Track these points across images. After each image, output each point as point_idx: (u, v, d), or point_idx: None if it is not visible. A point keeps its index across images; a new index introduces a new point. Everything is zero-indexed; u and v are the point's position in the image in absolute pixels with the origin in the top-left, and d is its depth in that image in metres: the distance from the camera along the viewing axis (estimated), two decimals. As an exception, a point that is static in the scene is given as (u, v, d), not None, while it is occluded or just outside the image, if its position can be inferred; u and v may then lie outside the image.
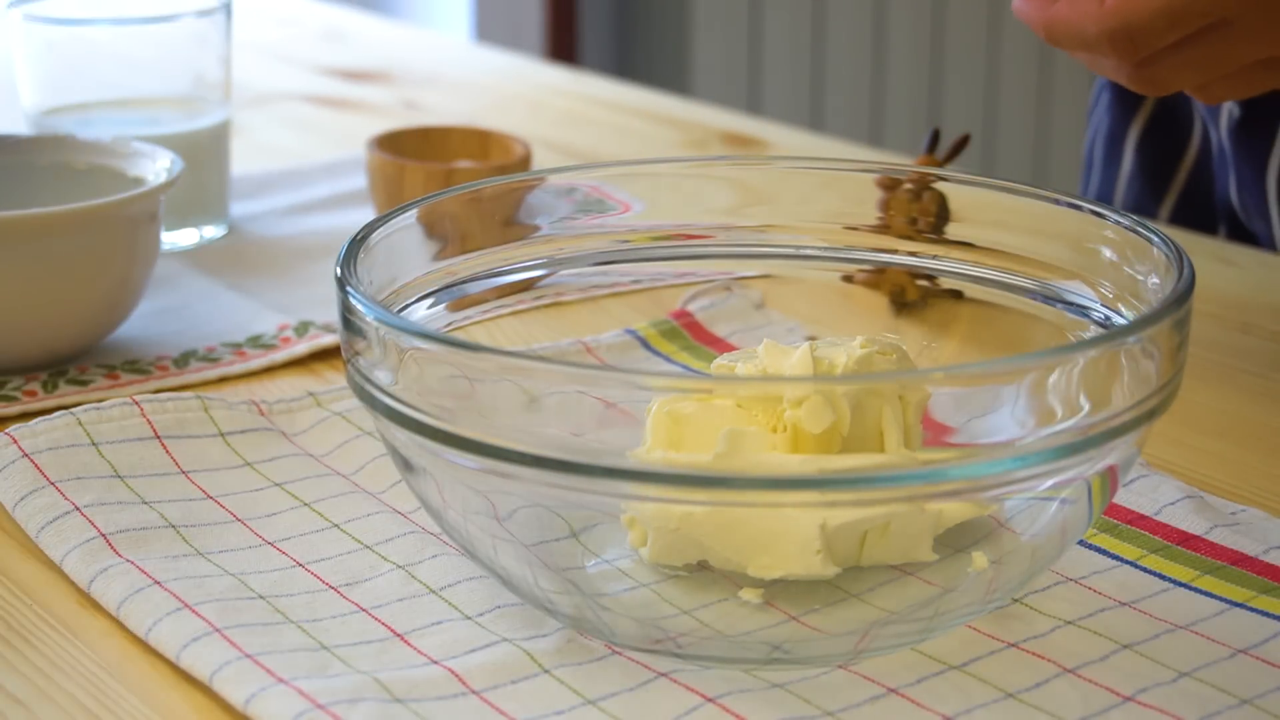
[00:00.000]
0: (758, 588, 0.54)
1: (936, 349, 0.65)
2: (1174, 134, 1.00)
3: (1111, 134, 1.03)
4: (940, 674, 0.52)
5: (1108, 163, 1.03)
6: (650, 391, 0.57)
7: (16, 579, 0.59)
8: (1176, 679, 0.52)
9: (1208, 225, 0.99)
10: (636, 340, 0.76)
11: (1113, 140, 1.03)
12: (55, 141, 0.82)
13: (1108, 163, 1.03)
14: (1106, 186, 1.04)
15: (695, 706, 0.50)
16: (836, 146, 1.18)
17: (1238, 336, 0.81)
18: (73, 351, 0.75)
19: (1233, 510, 0.62)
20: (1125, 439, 0.51)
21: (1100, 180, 1.04)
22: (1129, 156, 1.01)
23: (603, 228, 0.65)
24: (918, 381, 0.56)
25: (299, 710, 0.49)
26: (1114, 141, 1.03)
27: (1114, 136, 1.02)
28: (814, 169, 0.66)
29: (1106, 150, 1.03)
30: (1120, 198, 1.02)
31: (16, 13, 0.91)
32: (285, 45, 1.43)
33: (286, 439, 0.67)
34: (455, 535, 0.55)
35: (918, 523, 0.54)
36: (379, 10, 2.40)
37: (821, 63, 2.75)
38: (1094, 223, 0.59)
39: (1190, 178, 1.00)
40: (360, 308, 0.52)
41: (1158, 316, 0.51)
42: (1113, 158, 1.03)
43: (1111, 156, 1.03)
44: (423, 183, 0.86)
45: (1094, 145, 1.05)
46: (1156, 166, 1.01)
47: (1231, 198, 0.95)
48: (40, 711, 0.52)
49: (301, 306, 0.83)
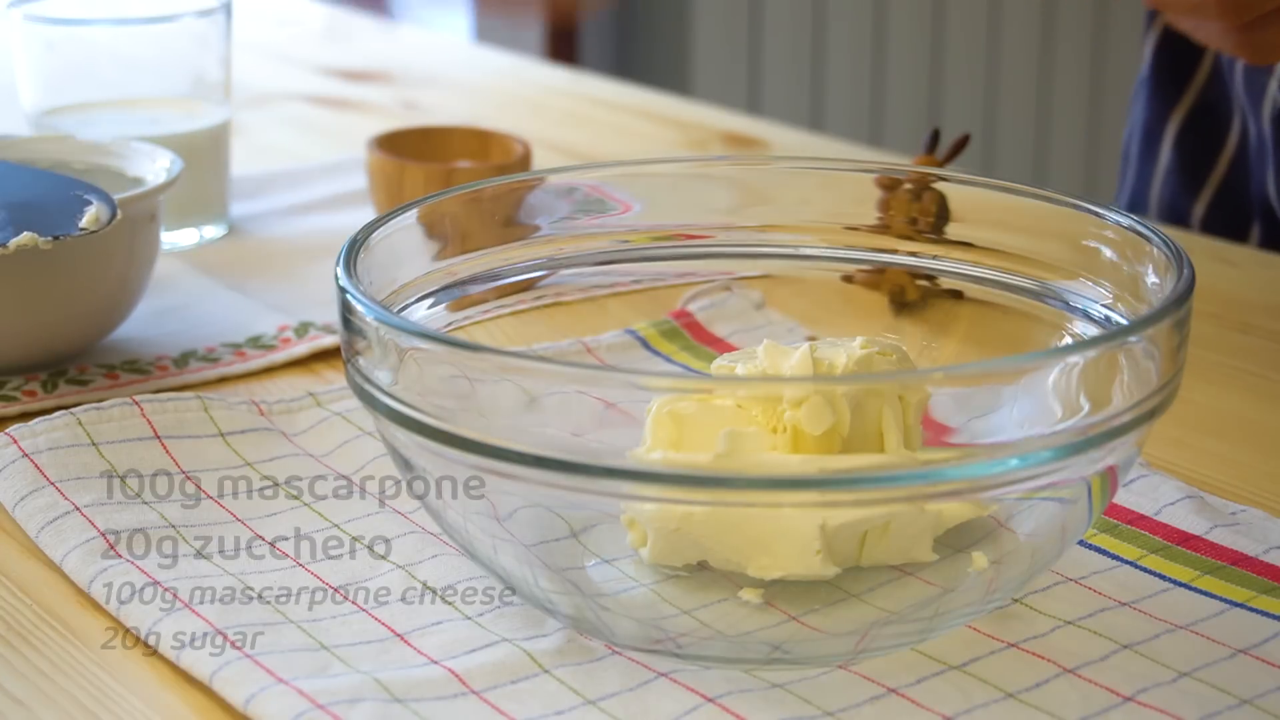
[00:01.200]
0: (758, 588, 0.54)
1: (936, 349, 0.65)
2: (1213, 128, 0.99)
3: (1149, 128, 1.01)
4: (940, 674, 0.52)
5: (1144, 157, 1.02)
6: (650, 391, 0.57)
7: (16, 579, 0.59)
8: (1176, 679, 0.52)
9: (1242, 222, 0.98)
10: (636, 340, 0.76)
11: (1150, 134, 1.01)
12: (55, 141, 0.82)
13: (1144, 157, 1.02)
14: (1143, 181, 1.02)
15: (695, 706, 0.50)
16: (836, 146, 1.18)
17: (1238, 336, 0.81)
18: (73, 351, 0.75)
19: (1233, 510, 0.62)
20: (1125, 439, 0.51)
21: (1136, 175, 1.03)
22: (1166, 151, 1.00)
23: (603, 228, 0.65)
24: (918, 381, 0.56)
25: (299, 710, 0.49)
26: (1151, 135, 1.01)
27: (1151, 130, 1.01)
28: (814, 169, 0.66)
29: (1143, 144, 1.02)
30: (1156, 192, 1.01)
31: (16, 13, 0.91)
32: (285, 45, 1.42)
33: (286, 439, 0.67)
34: (455, 535, 0.55)
35: (918, 523, 0.54)
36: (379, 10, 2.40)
37: (821, 63, 2.75)
38: (1094, 223, 0.59)
39: (1227, 173, 0.99)
40: (360, 308, 0.52)
41: (1158, 316, 0.51)
42: (1150, 152, 1.02)
43: (1149, 151, 1.02)
44: (423, 183, 0.86)
45: (1131, 139, 1.04)
46: (1194, 161, 1.00)
47: (1269, 191, 0.95)
48: (40, 712, 0.52)
49: (301, 307, 0.83)
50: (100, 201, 0.72)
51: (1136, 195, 1.03)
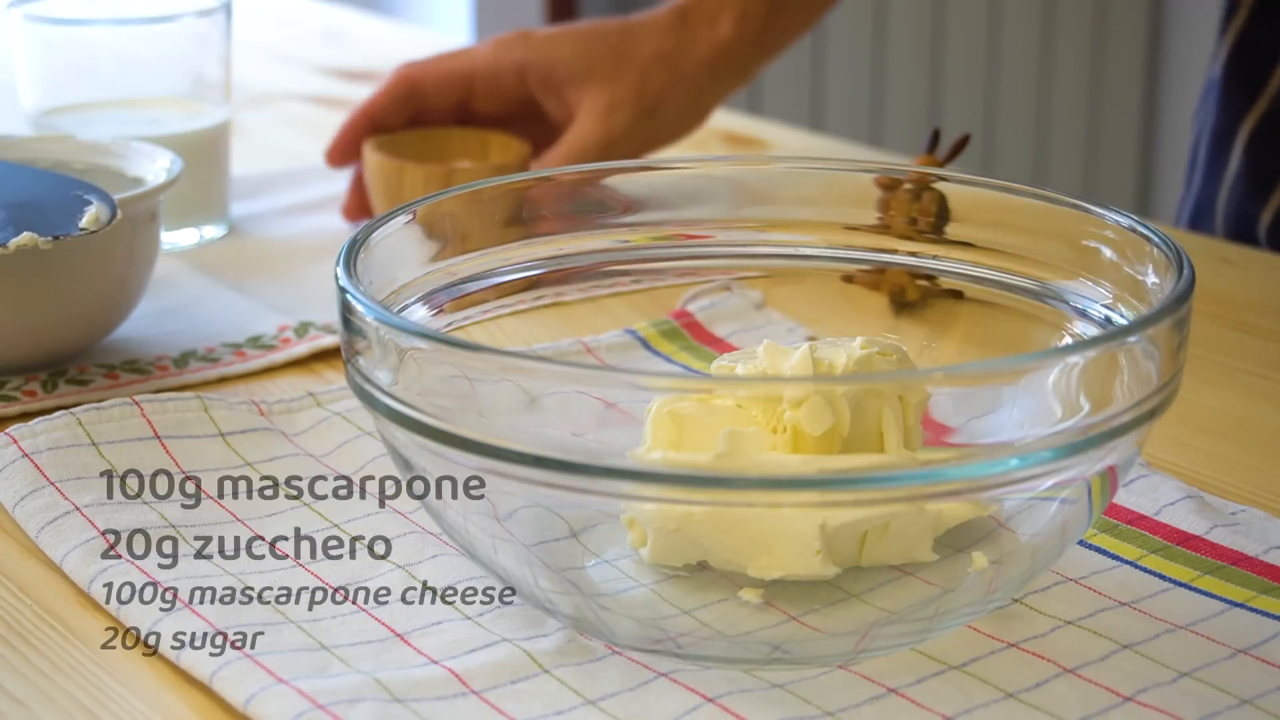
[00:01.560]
0: (758, 588, 0.54)
1: (936, 349, 0.65)
2: None
3: (1219, 132, 1.00)
4: (940, 674, 0.52)
5: (1212, 162, 1.00)
6: (650, 391, 0.57)
7: (16, 579, 0.59)
8: (1176, 679, 0.52)
9: None
10: (636, 340, 0.76)
11: (1220, 139, 1.00)
12: (55, 141, 0.82)
13: (1212, 162, 1.00)
14: (1210, 187, 1.01)
15: (695, 706, 0.50)
16: (836, 146, 1.18)
17: (1238, 336, 0.81)
18: (73, 351, 0.75)
19: (1233, 510, 0.62)
20: (1125, 439, 0.51)
21: (1203, 180, 1.01)
22: (1236, 157, 0.99)
23: (602, 228, 0.65)
24: (918, 381, 0.56)
25: (299, 710, 0.49)
26: (1221, 140, 1.00)
27: (1222, 135, 1.00)
28: (814, 169, 0.66)
29: (1212, 149, 1.00)
30: (1224, 199, 1.00)
31: (16, 13, 0.91)
32: (285, 45, 1.42)
33: (286, 439, 0.67)
34: (455, 535, 0.55)
35: (918, 523, 0.54)
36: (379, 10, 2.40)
37: (821, 63, 2.75)
38: (1094, 223, 0.59)
39: None
40: (360, 308, 0.52)
41: (1158, 316, 0.51)
42: (1219, 157, 1.00)
43: (1218, 156, 1.00)
44: (423, 183, 0.86)
45: (1199, 143, 1.02)
46: (1266, 168, 0.98)
47: None
48: (40, 712, 0.52)
49: (301, 306, 0.83)
50: (100, 201, 0.72)
51: (1202, 200, 1.02)
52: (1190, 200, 1.03)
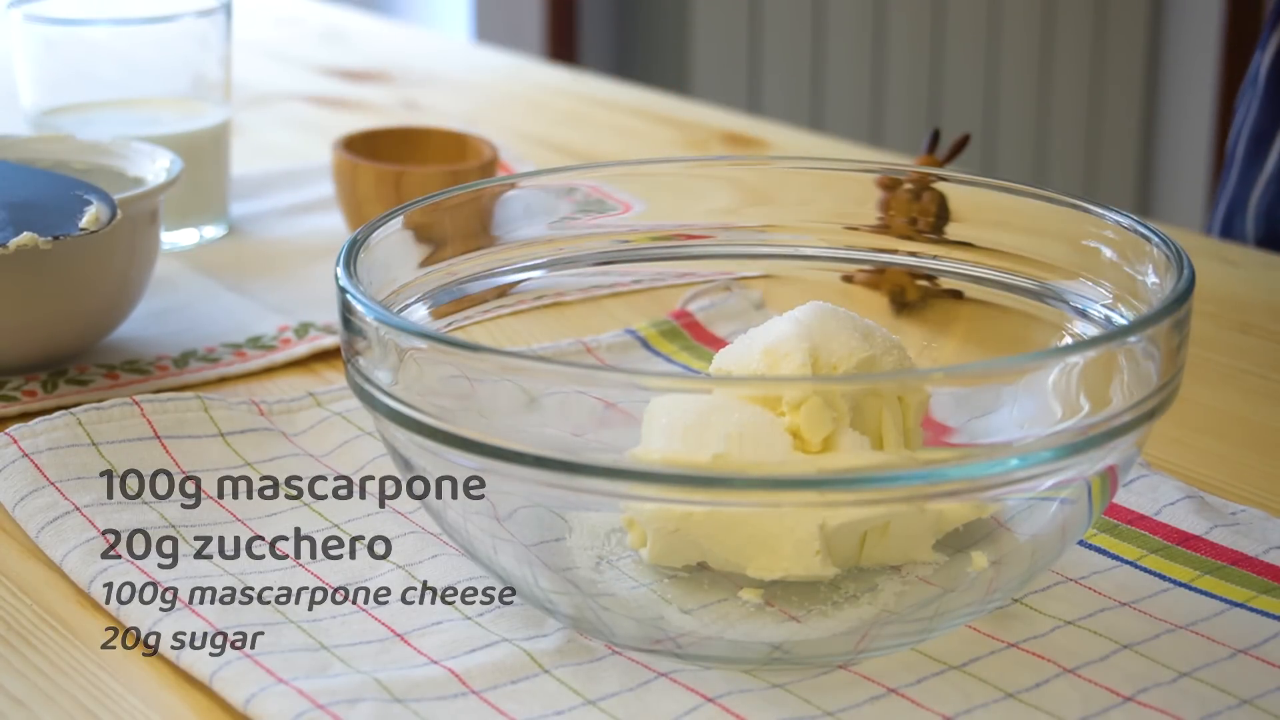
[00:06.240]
0: (758, 588, 0.54)
1: (936, 349, 0.65)
2: None
3: (1259, 131, 0.99)
4: (940, 674, 0.52)
5: (1249, 161, 1.00)
6: (650, 391, 0.57)
7: (16, 579, 0.59)
8: (1176, 679, 0.52)
9: None
10: (636, 340, 0.76)
11: (1259, 138, 0.99)
12: (55, 141, 0.82)
13: (1249, 161, 1.00)
14: (1245, 185, 1.00)
15: (695, 706, 0.50)
16: (836, 146, 1.18)
17: (1238, 336, 0.81)
18: (73, 351, 0.75)
19: (1233, 510, 0.62)
20: (1125, 439, 0.51)
21: (1239, 178, 1.01)
22: (1274, 157, 0.98)
23: (603, 228, 0.65)
24: (918, 381, 0.56)
25: (299, 710, 0.49)
26: (1260, 140, 0.99)
27: (1261, 134, 0.99)
28: (814, 169, 0.66)
29: (1250, 148, 1.00)
30: (1257, 198, 0.99)
31: (16, 13, 0.91)
32: (285, 45, 1.43)
33: (286, 439, 0.67)
34: (455, 535, 0.55)
35: (918, 523, 0.54)
36: (379, 10, 2.40)
37: (821, 63, 2.75)
38: (1094, 223, 0.59)
39: None
40: (360, 308, 0.52)
41: (1158, 316, 0.51)
42: (1256, 156, 1.00)
43: (1255, 155, 1.00)
44: (373, 183, 0.86)
45: (1238, 141, 1.01)
46: None
47: None
48: (40, 712, 0.52)
49: (301, 307, 0.83)
50: (100, 201, 0.72)
51: (1236, 200, 1.01)
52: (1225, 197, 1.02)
